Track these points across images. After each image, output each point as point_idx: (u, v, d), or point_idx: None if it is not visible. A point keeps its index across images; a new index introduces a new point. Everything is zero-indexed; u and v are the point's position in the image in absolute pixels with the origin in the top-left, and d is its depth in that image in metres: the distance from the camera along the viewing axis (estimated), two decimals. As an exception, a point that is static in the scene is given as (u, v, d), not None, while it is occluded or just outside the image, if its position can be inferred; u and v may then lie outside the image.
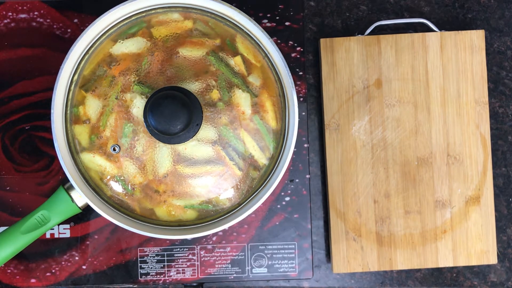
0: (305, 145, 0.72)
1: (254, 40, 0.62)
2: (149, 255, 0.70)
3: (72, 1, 0.71)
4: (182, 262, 0.70)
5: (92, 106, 0.59)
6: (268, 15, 0.72)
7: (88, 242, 0.70)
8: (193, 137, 0.58)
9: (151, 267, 0.69)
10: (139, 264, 0.70)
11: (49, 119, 0.60)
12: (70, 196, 0.62)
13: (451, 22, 0.76)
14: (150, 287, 0.73)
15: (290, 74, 0.61)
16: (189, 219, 0.62)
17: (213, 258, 0.71)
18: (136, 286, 0.71)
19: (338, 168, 0.72)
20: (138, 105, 0.58)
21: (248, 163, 0.61)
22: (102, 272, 0.70)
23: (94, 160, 0.60)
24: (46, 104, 0.70)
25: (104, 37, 0.61)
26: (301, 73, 0.72)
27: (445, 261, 0.72)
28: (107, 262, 0.70)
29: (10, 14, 0.71)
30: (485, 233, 0.73)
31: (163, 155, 0.58)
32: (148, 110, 0.55)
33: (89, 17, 0.71)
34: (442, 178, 0.73)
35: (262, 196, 0.61)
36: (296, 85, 0.72)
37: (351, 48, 0.73)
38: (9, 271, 0.69)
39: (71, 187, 0.62)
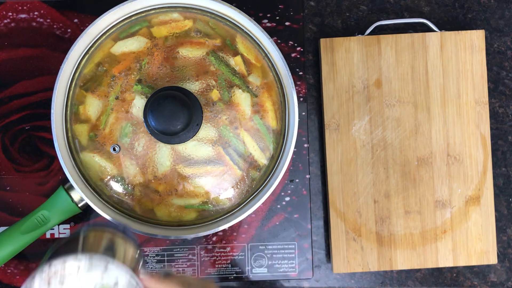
0: (305, 145, 0.72)
1: (254, 40, 0.62)
2: (149, 255, 0.70)
3: (72, 1, 0.71)
4: (182, 262, 0.70)
5: (92, 106, 0.59)
6: (268, 15, 0.72)
7: (88, 242, 0.69)
8: (193, 137, 0.58)
9: (151, 267, 0.69)
10: (139, 264, 0.69)
11: (49, 119, 0.60)
12: (70, 196, 0.62)
13: (451, 22, 0.76)
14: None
15: (290, 74, 0.61)
16: (189, 219, 0.62)
17: (213, 258, 0.70)
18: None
19: (338, 168, 0.72)
20: (138, 105, 0.58)
21: (248, 163, 0.61)
22: (102, 272, 0.69)
23: (94, 160, 0.60)
24: (46, 104, 0.70)
25: (104, 36, 0.61)
26: (301, 73, 0.72)
27: (445, 261, 0.72)
28: (107, 262, 0.70)
29: (10, 14, 0.71)
30: (485, 233, 0.73)
31: (163, 155, 0.58)
32: (148, 110, 0.55)
33: (89, 17, 0.71)
34: (442, 178, 0.73)
35: (262, 196, 0.61)
36: (296, 85, 0.72)
37: (351, 48, 0.73)
38: (9, 271, 0.69)
39: (71, 187, 0.62)
